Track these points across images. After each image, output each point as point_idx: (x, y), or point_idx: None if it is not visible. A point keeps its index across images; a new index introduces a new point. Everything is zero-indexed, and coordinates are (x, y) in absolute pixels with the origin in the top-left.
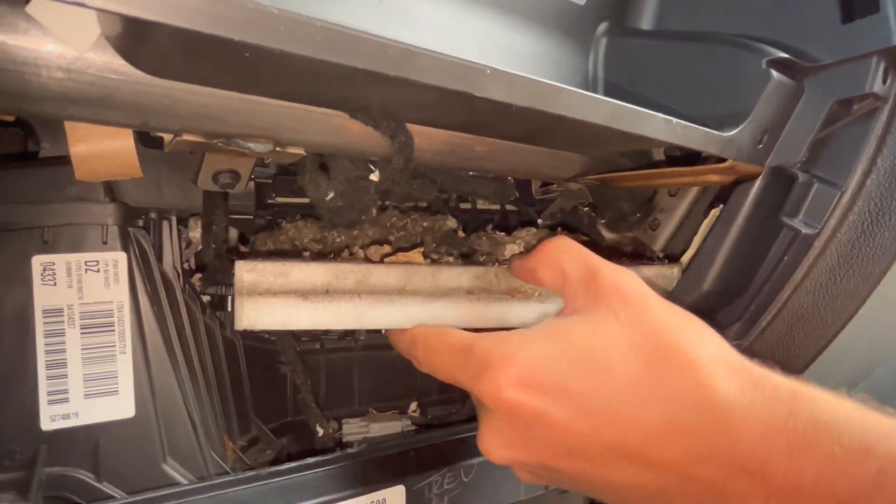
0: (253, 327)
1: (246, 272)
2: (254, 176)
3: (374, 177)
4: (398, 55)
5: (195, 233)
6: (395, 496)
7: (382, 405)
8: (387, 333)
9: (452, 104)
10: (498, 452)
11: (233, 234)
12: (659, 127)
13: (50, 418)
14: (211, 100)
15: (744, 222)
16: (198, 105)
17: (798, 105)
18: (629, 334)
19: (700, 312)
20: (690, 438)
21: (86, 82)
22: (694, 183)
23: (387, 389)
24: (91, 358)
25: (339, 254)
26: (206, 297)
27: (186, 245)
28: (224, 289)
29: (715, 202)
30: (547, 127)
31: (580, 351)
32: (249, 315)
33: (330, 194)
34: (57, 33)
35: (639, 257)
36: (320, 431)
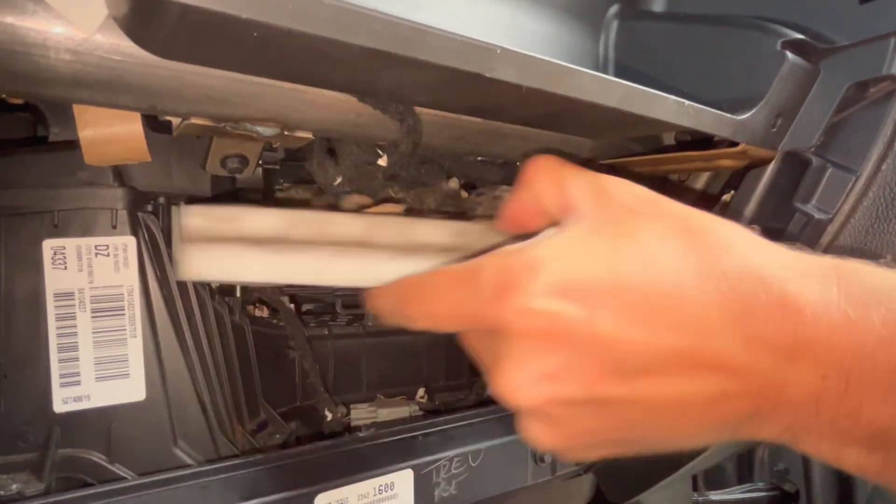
0: (197, 278)
1: (191, 216)
2: (261, 161)
3: (383, 161)
4: (408, 34)
5: None
6: (403, 480)
7: (390, 391)
8: (367, 300)
9: (462, 86)
10: (530, 389)
11: None
12: (671, 109)
13: (62, 401)
14: (219, 82)
15: (756, 208)
16: (206, 87)
17: (813, 88)
18: (659, 224)
19: None
20: (748, 325)
21: (94, 64)
22: (705, 168)
23: (394, 375)
24: (102, 341)
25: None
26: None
27: None
28: None
29: (726, 188)
30: (557, 110)
31: (614, 247)
32: (192, 264)
33: (338, 179)
34: (65, 14)
35: None
36: (329, 416)
